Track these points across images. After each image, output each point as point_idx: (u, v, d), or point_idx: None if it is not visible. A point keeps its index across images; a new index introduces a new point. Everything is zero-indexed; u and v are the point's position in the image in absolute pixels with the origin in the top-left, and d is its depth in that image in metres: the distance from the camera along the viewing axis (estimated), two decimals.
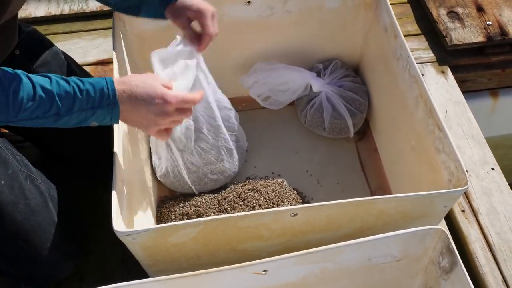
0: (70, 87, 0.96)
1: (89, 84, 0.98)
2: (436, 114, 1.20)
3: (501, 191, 1.50)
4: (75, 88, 0.97)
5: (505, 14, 1.86)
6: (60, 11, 1.96)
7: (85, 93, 0.97)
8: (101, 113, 1.00)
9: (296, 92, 1.57)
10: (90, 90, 0.97)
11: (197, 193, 1.43)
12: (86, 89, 0.97)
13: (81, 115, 0.99)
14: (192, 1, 1.20)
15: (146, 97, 1.01)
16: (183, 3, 1.20)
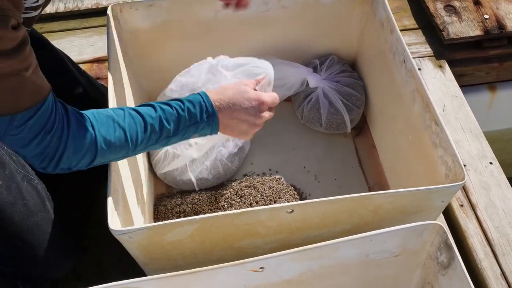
0: (173, 109, 1.02)
1: (188, 101, 1.03)
2: (433, 109, 1.20)
3: (499, 185, 1.50)
4: (178, 109, 1.02)
5: (502, 8, 1.85)
6: (55, 9, 1.95)
7: (187, 111, 1.02)
8: (203, 126, 1.04)
9: (292, 88, 1.56)
10: (190, 107, 1.02)
11: (197, 189, 1.42)
12: (187, 107, 1.02)
13: (187, 132, 1.04)
14: None
15: (242, 101, 1.07)
16: None
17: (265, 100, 1.10)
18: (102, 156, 0.96)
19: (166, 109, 1.01)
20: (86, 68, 1.78)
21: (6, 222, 1.09)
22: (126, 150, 0.99)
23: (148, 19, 1.42)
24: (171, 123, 1.01)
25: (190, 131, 1.04)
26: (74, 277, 1.34)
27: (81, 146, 0.92)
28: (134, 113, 0.99)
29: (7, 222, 1.09)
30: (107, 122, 0.96)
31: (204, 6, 1.45)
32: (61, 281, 1.32)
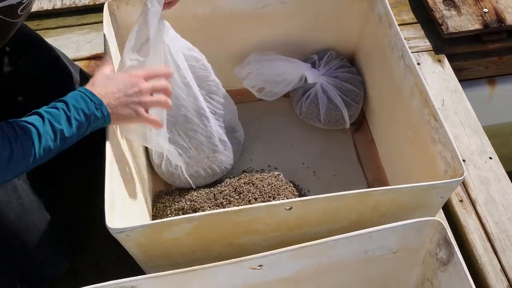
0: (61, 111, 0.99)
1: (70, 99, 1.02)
2: (432, 104, 1.19)
3: (499, 180, 1.49)
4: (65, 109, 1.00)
5: (501, 1, 1.84)
6: (52, 6, 1.94)
7: (73, 108, 1.00)
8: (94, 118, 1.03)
9: (290, 83, 1.56)
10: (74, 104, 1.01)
11: (194, 187, 1.42)
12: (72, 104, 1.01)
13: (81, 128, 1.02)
14: None
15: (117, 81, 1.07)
16: None
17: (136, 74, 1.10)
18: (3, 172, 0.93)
19: (53, 112, 0.99)
20: (83, 65, 1.77)
21: (2, 221, 1.09)
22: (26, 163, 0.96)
23: None
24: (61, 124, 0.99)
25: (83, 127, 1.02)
26: (73, 276, 1.33)
27: None
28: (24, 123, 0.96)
29: (2, 221, 1.09)
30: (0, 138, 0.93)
31: (201, 1, 1.44)
32: (59, 279, 1.32)
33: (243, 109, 1.63)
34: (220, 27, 1.50)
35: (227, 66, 1.59)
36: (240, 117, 1.61)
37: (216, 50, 1.55)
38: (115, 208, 1.06)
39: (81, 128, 1.02)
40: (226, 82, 1.63)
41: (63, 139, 0.99)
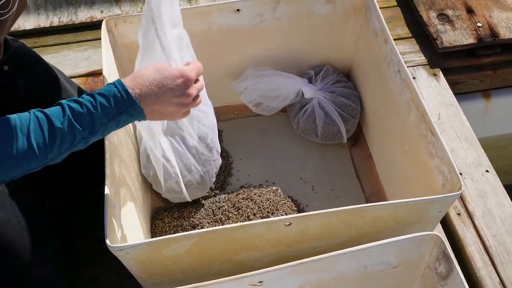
0: (84, 108, 0.91)
1: (101, 96, 0.92)
2: (429, 119, 1.20)
3: (496, 193, 1.50)
4: (89, 107, 0.91)
5: (495, 16, 1.86)
6: (49, 23, 1.95)
7: (99, 108, 0.91)
8: (125, 119, 0.94)
9: (287, 98, 1.57)
10: (103, 102, 0.91)
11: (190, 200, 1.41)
12: (99, 103, 0.91)
13: (107, 129, 0.94)
14: None
15: (165, 81, 0.95)
16: None
17: (190, 75, 0.98)
18: (8, 170, 0.86)
19: (76, 108, 0.90)
20: (81, 82, 1.78)
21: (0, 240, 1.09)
22: (35, 160, 0.89)
23: None
24: (83, 125, 0.90)
25: (110, 127, 0.94)
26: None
27: None
28: (40, 116, 0.89)
29: (1, 240, 1.09)
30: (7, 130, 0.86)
31: (198, 18, 1.45)
32: None
33: (240, 124, 1.64)
34: (216, 43, 1.52)
35: (224, 81, 1.60)
36: (237, 132, 1.62)
37: (213, 66, 1.57)
38: (115, 226, 1.06)
39: (107, 128, 0.93)
40: (223, 97, 1.64)
41: (84, 139, 0.92)
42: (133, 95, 0.93)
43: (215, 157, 1.39)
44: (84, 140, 0.93)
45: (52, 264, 1.19)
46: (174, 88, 0.96)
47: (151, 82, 0.95)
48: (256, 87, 1.57)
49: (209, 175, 1.38)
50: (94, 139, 0.94)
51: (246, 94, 1.59)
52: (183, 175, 1.33)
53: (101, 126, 0.93)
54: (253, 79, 1.57)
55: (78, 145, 0.93)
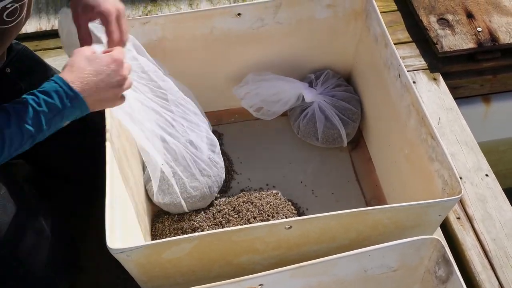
0: (28, 107, 0.92)
1: (42, 93, 0.93)
2: (429, 123, 1.20)
3: (495, 197, 1.50)
4: (33, 105, 0.92)
5: (495, 20, 1.87)
6: (50, 27, 1.96)
7: (43, 105, 0.92)
8: (69, 112, 0.95)
9: (288, 103, 1.57)
10: (46, 99, 0.93)
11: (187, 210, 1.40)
12: (43, 99, 0.92)
13: (52, 124, 0.94)
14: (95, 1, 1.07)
15: (101, 69, 0.97)
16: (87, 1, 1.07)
17: (120, 58, 1.00)
18: None
19: (20, 108, 0.91)
20: None
21: (1, 241, 1.09)
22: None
23: (143, 36, 1.43)
24: (30, 123, 0.91)
25: (56, 122, 0.94)
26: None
27: None
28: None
29: (2, 242, 1.09)
30: None
31: (199, 22, 1.46)
32: None
33: (241, 128, 1.65)
34: (217, 47, 1.52)
35: (225, 85, 1.61)
36: (238, 136, 1.62)
37: (214, 70, 1.57)
38: (115, 229, 1.06)
39: (52, 124, 0.94)
40: (224, 101, 1.65)
41: (32, 137, 0.92)
42: (74, 88, 0.94)
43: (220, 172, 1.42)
44: (31, 139, 0.93)
45: (52, 266, 1.19)
46: (110, 74, 0.98)
47: (88, 72, 0.96)
48: (257, 92, 1.57)
49: (212, 190, 1.40)
50: (41, 137, 0.95)
51: (247, 99, 1.59)
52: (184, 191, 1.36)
53: (47, 122, 0.93)
54: (254, 84, 1.57)
55: (26, 145, 0.93)
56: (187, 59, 1.52)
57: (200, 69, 1.56)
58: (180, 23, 1.45)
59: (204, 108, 1.67)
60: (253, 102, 1.59)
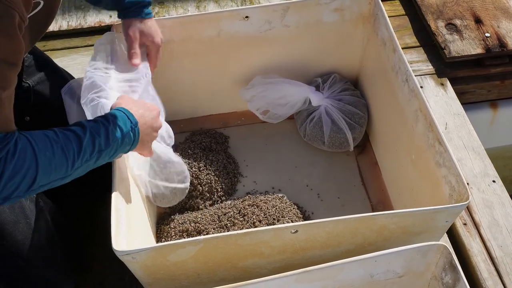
0: (100, 124, 1.00)
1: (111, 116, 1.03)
2: (436, 128, 1.20)
3: (502, 203, 1.49)
4: (104, 123, 1.01)
5: (503, 26, 1.86)
6: (58, 27, 1.96)
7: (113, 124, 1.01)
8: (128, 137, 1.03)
9: (295, 106, 1.57)
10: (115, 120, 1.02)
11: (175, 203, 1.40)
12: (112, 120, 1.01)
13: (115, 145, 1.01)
14: (152, 30, 1.29)
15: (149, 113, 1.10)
16: (144, 26, 1.28)
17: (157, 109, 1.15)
18: (44, 174, 0.90)
19: (94, 124, 1.00)
20: None
21: (9, 241, 1.09)
22: (65, 168, 0.94)
23: None
24: (102, 137, 0.99)
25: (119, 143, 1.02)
26: None
27: (21, 165, 0.87)
28: (65, 131, 0.97)
29: (9, 241, 1.09)
30: (43, 139, 0.92)
31: (206, 25, 1.46)
32: None
33: (247, 131, 1.65)
34: (225, 50, 1.52)
35: (231, 88, 1.61)
36: (244, 138, 1.62)
37: (221, 73, 1.57)
38: (121, 231, 1.06)
39: (113, 146, 1.01)
40: (230, 103, 1.65)
41: (99, 152, 0.99)
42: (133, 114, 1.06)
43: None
44: (98, 153, 0.99)
45: (59, 267, 1.19)
46: (154, 117, 1.12)
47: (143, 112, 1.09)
48: (264, 94, 1.57)
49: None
50: (104, 154, 1.00)
51: (253, 101, 1.59)
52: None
53: (113, 141, 1.00)
54: (261, 87, 1.57)
55: (94, 158, 0.99)
56: (194, 61, 1.52)
57: (207, 71, 1.56)
58: (188, 25, 1.45)
59: (211, 110, 1.68)
60: (259, 105, 1.59)
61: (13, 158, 0.86)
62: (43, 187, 0.93)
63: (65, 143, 0.94)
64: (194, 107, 1.66)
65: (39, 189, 0.92)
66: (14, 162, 0.86)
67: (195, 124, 1.66)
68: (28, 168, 0.88)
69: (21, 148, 0.88)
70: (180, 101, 1.54)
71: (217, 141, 1.60)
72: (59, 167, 0.93)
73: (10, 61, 0.82)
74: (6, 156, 0.86)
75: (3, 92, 0.82)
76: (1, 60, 0.80)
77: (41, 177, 0.90)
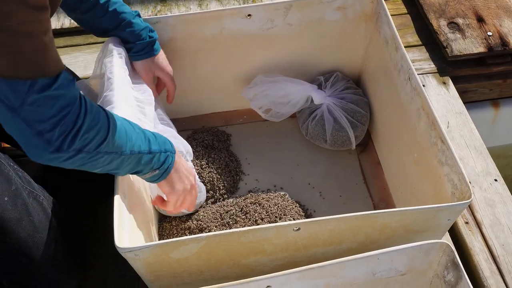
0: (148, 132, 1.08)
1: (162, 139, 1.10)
2: (439, 127, 1.20)
3: (504, 202, 1.50)
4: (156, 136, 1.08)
5: (505, 25, 1.86)
6: (60, 25, 1.96)
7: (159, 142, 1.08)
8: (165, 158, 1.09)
9: (297, 105, 1.57)
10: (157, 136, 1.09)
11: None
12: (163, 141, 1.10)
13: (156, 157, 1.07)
14: (164, 62, 1.37)
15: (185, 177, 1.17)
16: (157, 61, 1.35)
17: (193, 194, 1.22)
18: (112, 139, 0.96)
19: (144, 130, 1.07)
20: None
21: (12, 238, 1.09)
22: (124, 145, 0.99)
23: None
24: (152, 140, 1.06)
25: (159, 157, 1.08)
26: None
27: (97, 121, 0.92)
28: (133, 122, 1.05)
29: (12, 239, 1.09)
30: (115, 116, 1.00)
31: (209, 23, 1.46)
32: None
33: (249, 129, 1.65)
34: (227, 48, 1.52)
35: (234, 86, 1.61)
36: (246, 137, 1.62)
37: (223, 71, 1.57)
38: (123, 228, 1.06)
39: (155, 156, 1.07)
40: (232, 102, 1.65)
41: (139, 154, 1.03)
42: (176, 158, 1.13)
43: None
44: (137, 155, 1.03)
45: (62, 264, 1.19)
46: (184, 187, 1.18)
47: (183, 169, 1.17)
48: (266, 93, 1.57)
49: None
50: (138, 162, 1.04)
51: (255, 100, 1.59)
52: None
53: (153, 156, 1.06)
54: (263, 85, 1.57)
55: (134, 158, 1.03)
56: (196, 59, 1.52)
57: (209, 69, 1.56)
58: (190, 23, 1.45)
59: (213, 108, 1.68)
60: (261, 103, 1.59)
61: (91, 112, 0.91)
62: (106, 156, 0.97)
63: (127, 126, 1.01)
64: (196, 105, 1.66)
65: (103, 156, 0.96)
66: (93, 115, 0.92)
67: (197, 122, 1.66)
68: (101, 126, 0.93)
69: (97, 108, 0.94)
70: (182, 99, 1.54)
71: (219, 139, 1.60)
72: (121, 141, 0.98)
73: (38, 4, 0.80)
74: (86, 109, 0.91)
75: (44, 36, 0.82)
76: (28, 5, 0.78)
77: (110, 140, 0.95)
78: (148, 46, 1.32)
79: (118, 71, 1.24)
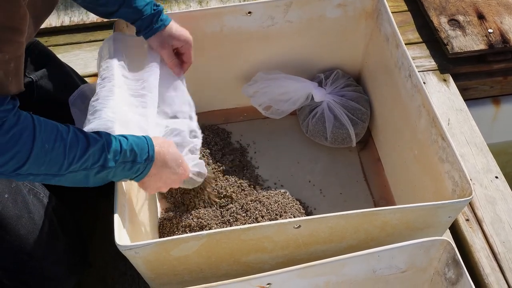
0: (117, 141, 1.00)
1: (133, 139, 1.03)
2: (440, 124, 1.20)
3: (505, 199, 1.49)
4: (122, 142, 1.00)
5: (506, 22, 1.86)
6: (60, 23, 1.96)
7: (129, 147, 1.01)
8: (137, 168, 1.03)
9: (297, 102, 1.57)
10: (133, 145, 1.02)
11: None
12: (130, 144, 1.01)
13: (119, 168, 1.01)
14: (178, 31, 1.28)
15: (174, 166, 1.11)
16: (170, 32, 1.27)
17: (187, 176, 1.19)
18: (35, 163, 0.88)
19: (110, 139, 0.99)
20: (91, 81, 1.78)
21: (12, 235, 1.09)
22: (59, 166, 0.92)
23: None
24: (111, 153, 0.98)
25: (124, 168, 1.02)
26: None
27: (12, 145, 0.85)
28: (79, 133, 0.96)
29: (12, 236, 1.09)
30: (51, 130, 0.91)
31: (209, 20, 1.46)
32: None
33: (250, 126, 1.64)
34: (227, 45, 1.52)
35: (234, 84, 1.61)
36: (247, 134, 1.62)
37: (224, 68, 1.57)
38: (124, 226, 1.06)
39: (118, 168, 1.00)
40: (233, 99, 1.65)
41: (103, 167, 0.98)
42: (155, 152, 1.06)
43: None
44: (101, 168, 0.98)
45: (62, 261, 1.19)
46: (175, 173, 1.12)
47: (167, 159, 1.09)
48: (266, 90, 1.57)
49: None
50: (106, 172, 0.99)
51: (256, 97, 1.59)
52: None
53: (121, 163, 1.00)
54: (263, 82, 1.57)
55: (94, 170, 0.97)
56: (196, 56, 1.51)
57: (209, 67, 1.56)
58: (190, 21, 1.44)
59: (213, 106, 1.68)
60: (262, 100, 1.59)
61: (7, 133, 0.84)
62: (33, 177, 0.91)
63: (71, 143, 0.93)
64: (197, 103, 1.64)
65: (27, 177, 0.91)
66: (8, 137, 0.84)
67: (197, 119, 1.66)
68: (19, 150, 0.86)
69: (21, 127, 0.86)
70: None
71: (219, 137, 1.60)
72: (54, 163, 0.91)
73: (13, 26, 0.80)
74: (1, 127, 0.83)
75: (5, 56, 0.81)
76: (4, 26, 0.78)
77: (31, 164, 0.88)
78: (155, 17, 1.25)
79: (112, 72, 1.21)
